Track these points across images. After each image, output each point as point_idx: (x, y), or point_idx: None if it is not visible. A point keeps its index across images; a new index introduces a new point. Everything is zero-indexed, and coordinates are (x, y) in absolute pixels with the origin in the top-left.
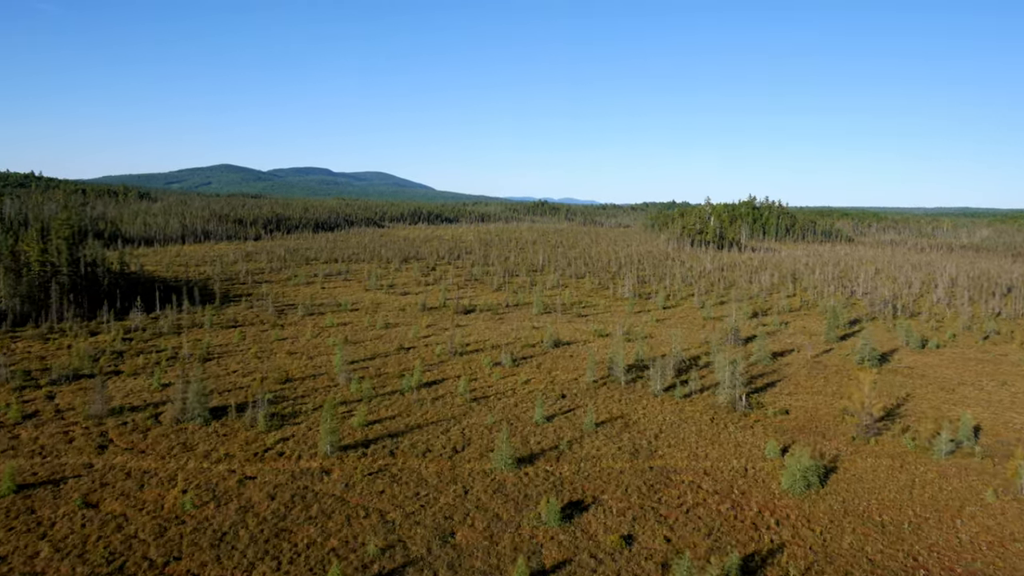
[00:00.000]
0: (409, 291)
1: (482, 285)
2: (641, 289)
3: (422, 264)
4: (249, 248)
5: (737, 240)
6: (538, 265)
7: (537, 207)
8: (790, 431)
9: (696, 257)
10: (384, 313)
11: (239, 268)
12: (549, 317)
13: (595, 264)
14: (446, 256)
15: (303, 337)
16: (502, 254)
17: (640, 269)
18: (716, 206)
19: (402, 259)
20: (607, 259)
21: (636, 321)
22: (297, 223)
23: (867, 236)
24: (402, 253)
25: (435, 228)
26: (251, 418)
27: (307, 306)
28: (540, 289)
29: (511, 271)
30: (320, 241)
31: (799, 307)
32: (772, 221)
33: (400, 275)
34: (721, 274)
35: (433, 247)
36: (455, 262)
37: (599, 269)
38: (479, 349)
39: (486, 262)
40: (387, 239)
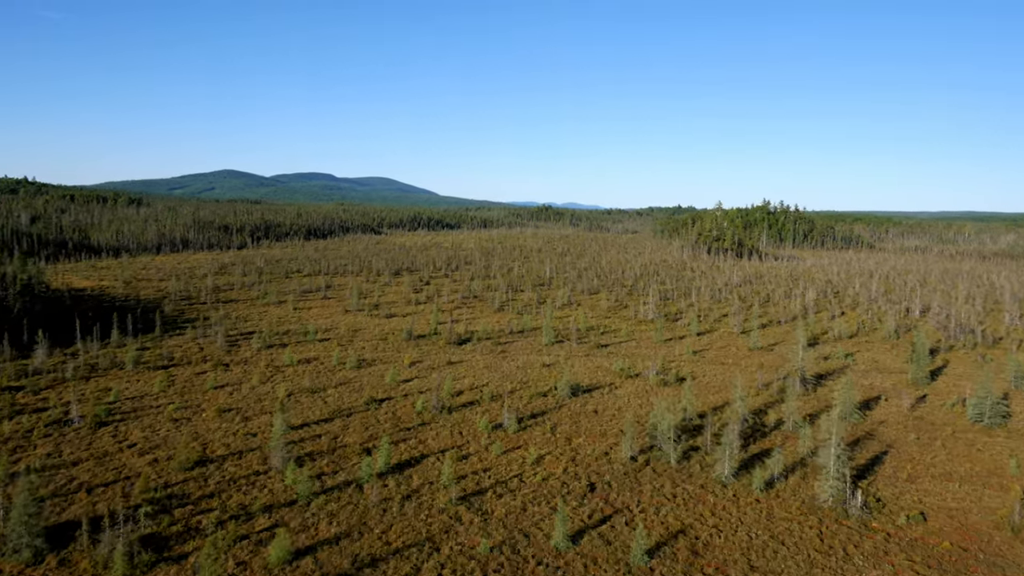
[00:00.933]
0: (396, 312)
1: (482, 304)
2: (666, 308)
3: (415, 278)
4: (227, 259)
5: (756, 247)
6: (545, 278)
7: (541, 212)
8: (946, 562)
9: (717, 267)
10: (361, 344)
11: (207, 283)
12: (562, 348)
13: (608, 276)
14: (443, 267)
15: (248, 382)
16: (505, 264)
17: (659, 282)
18: (729, 211)
19: (393, 271)
20: (620, 270)
21: (669, 353)
22: (288, 230)
23: (886, 242)
24: (395, 264)
25: (435, 235)
26: (108, 549)
27: (268, 335)
28: (549, 309)
29: (515, 285)
30: (308, 250)
31: (856, 331)
32: (789, 227)
33: (389, 291)
34: (751, 288)
35: (430, 256)
36: (453, 274)
37: (613, 282)
38: (474, 401)
39: (487, 274)
40: (382, 247)
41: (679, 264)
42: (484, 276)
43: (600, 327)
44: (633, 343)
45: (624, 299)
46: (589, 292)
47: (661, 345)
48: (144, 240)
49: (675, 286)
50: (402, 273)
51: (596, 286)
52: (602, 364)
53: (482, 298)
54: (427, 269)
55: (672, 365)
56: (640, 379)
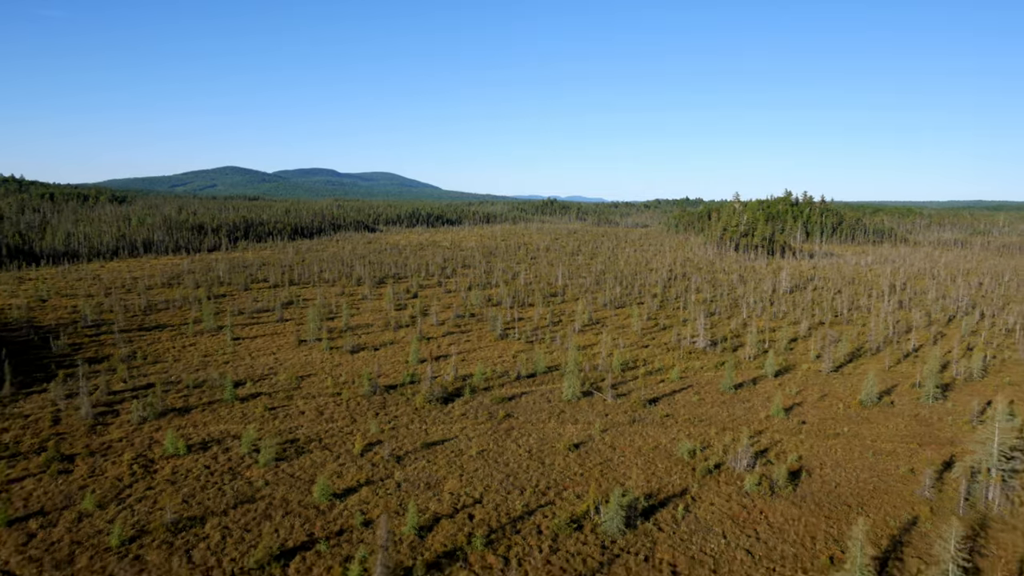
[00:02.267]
0: (366, 342)
1: (480, 327)
2: (714, 328)
3: (402, 287)
4: (188, 265)
5: (788, 244)
6: (557, 286)
7: (545, 206)
8: None
9: (752, 268)
10: (300, 406)
11: (139, 301)
12: (593, 407)
13: (631, 281)
14: (437, 273)
15: (77, 505)
16: (509, 268)
17: (694, 288)
18: (749, 203)
19: (377, 279)
20: (643, 272)
21: (749, 413)
22: (271, 229)
23: (917, 234)
24: (382, 269)
25: (434, 232)
26: None
27: (165, 393)
28: (569, 335)
29: (521, 298)
30: (288, 252)
31: (984, 368)
32: (815, 219)
33: (365, 308)
34: (805, 296)
35: (425, 259)
36: (447, 281)
37: (639, 289)
38: (455, 551)
39: (488, 281)
40: (373, 248)
41: (706, 264)
42: (484, 284)
43: (638, 361)
44: (692, 394)
45: (658, 315)
46: (613, 305)
47: (731, 396)
48: (101, 244)
49: (714, 294)
50: (387, 281)
51: (620, 296)
52: (660, 442)
53: (481, 317)
54: (418, 275)
55: (764, 440)
56: (725, 475)
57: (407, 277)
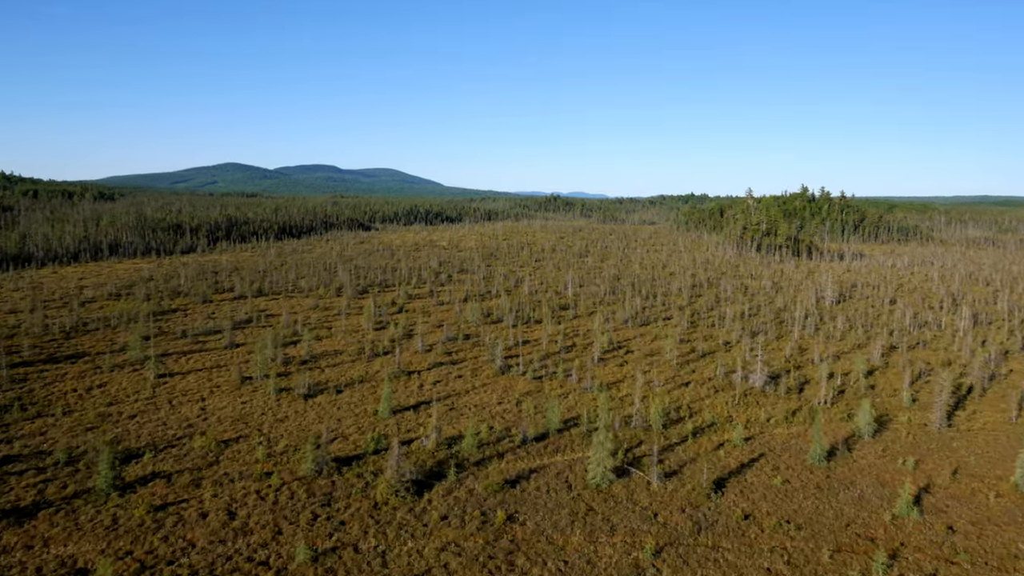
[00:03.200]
0: (328, 380)
1: (476, 353)
2: (769, 357)
3: (386, 299)
4: (150, 270)
5: (814, 244)
6: (567, 296)
7: (549, 202)
8: None
9: (780, 271)
10: (204, 501)
11: (69, 318)
12: (632, 498)
13: (651, 289)
14: (430, 280)
15: None
16: (512, 272)
17: (726, 299)
18: (763, 199)
19: (361, 288)
20: (662, 278)
21: (867, 515)
22: (256, 229)
23: (941, 231)
24: (368, 275)
25: (433, 230)
26: None
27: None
28: (587, 367)
29: (525, 312)
30: (269, 255)
31: None
32: (834, 216)
33: (339, 326)
34: (855, 308)
35: (419, 262)
36: (441, 291)
37: (663, 301)
38: None
39: (487, 290)
40: (364, 249)
41: (729, 267)
42: (483, 294)
43: (683, 409)
44: (769, 468)
45: (692, 335)
46: (635, 322)
47: (825, 474)
48: (61, 246)
49: (749, 305)
50: (372, 291)
51: (642, 310)
52: None
53: (477, 340)
54: (407, 284)
55: (908, 573)
56: None
57: (396, 285)
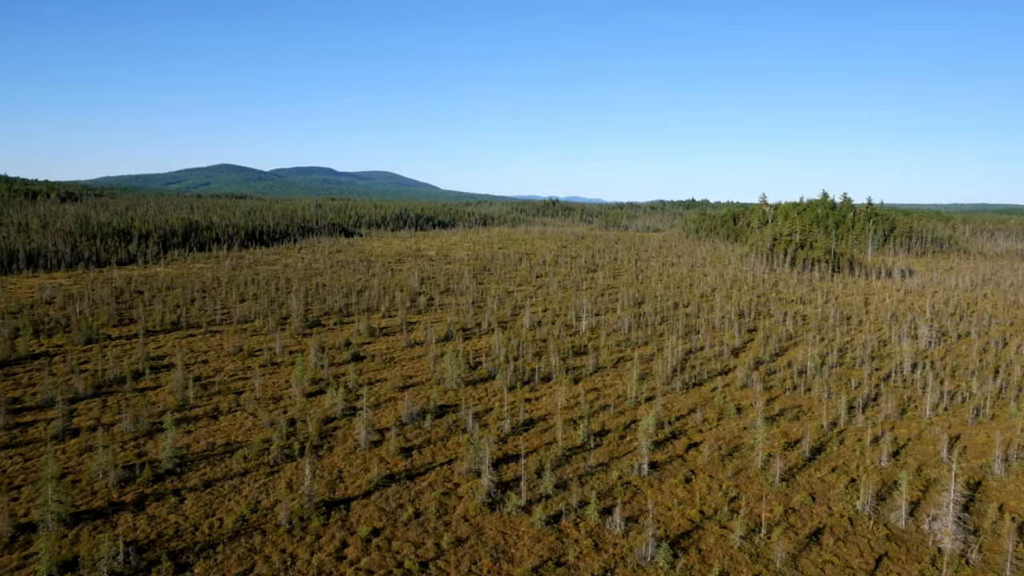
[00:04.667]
0: (173, 530)
1: (452, 449)
2: (916, 451)
3: (341, 338)
4: (52, 290)
5: (855, 257)
6: (580, 330)
7: (547, 207)
8: None
9: (830, 292)
10: None
11: None
12: None
13: (685, 318)
14: (405, 305)
15: None
16: (508, 293)
17: (787, 336)
18: (781, 206)
19: (311, 320)
20: (693, 298)
21: None
22: (221, 234)
23: (971, 242)
24: (328, 298)
25: (422, 237)
26: None
27: None
28: (633, 482)
29: (526, 361)
30: (223, 267)
31: None
32: (861, 225)
33: (257, 388)
34: (972, 349)
35: (397, 278)
36: (417, 321)
37: (709, 339)
38: None
39: (476, 324)
40: (337, 260)
41: (765, 285)
42: (470, 329)
43: None
44: None
45: (774, 408)
46: (686, 382)
47: None
48: None
49: (825, 346)
50: (326, 323)
51: (687, 360)
52: None
53: (456, 420)
54: (375, 312)
55: None
56: None
57: (360, 314)
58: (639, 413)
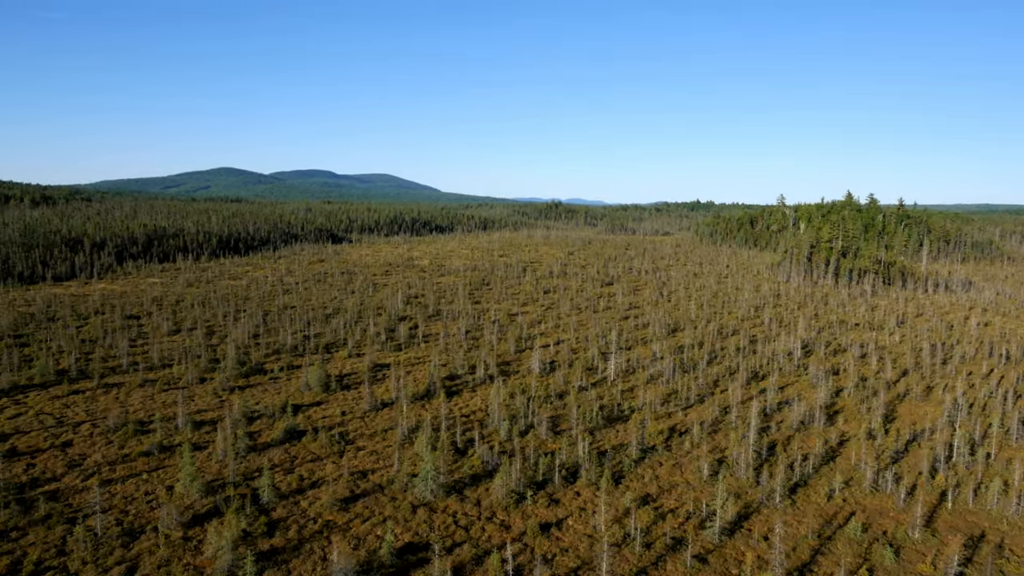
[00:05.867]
0: None
1: None
2: None
3: (275, 401)
4: None
5: (907, 267)
6: (607, 376)
7: (550, 209)
8: None
9: (895, 312)
10: None
11: None
12: None
13: (737, 354)
14: (379, 337)
15: None
16: (510, 314)
17: (879, 379)
18: (802, 207)
19: (252, 366)
20: (735, 321)
21: None
22: (191, 242)
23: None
24: (287, 326)
25: (416, 243)
26: None
27: None
28: None
29: (539, 438)
30: (176, 284)
31: None
32: (893, 228)
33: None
34: None
35: (378, 296)
36: (399, 356)
37: (773, 382)
38: None
39: (469, 367)
40: (316, 273)
41: (814, 301)
42: (459, 378)
43: None
44: None
45: (933, 526)
46: (784, 481)
47: None
48: None
49: (943, 397)
50: (271, 365)
51: (766, 424)
52: None
53: (432, 561)
54: (338, 351)
55: None
56: None
57: (316, 355)
58: (731, 553)
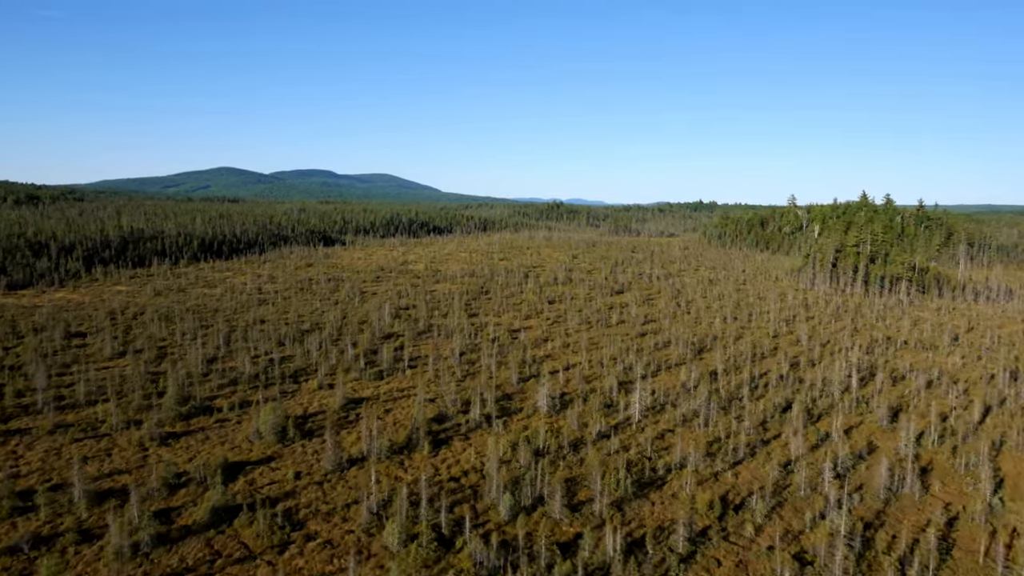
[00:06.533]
0: None
1: None
2: None
3: (227, 445)
4: None
5: (942, 274)
6: (630, 416)
7: (551, 210)
8: None
9: (942, 323)
10: None
11: None
12: None
13: (771, 376)
14: (357, 362)
15: None
16: (511, 330)
17: (958, 422)
18: (816, 208)
19: (196, 403)
20: (766, 338)
21: None
22: (171, 245)
23: None
24: (253, 349)
25: (414, 245)
26: None
27: None
28: None
29: (553, 526)
30: (144, 292)
31: None
32: (913, 231)
33: None
34: None
35: (365, 308)
36: (380, 387)
37: (835, 425)
38: None
39: (462, 403)
40: (300, 280)
41: (847, 313)
42: (452, 415)
43: None
44: None
45: None
46: None
47: None
48: None
49: None
50: (221, 402)
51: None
52: None
53: None
54: (307, 380)
55: None
56: None
57: (278, 387)
58: None
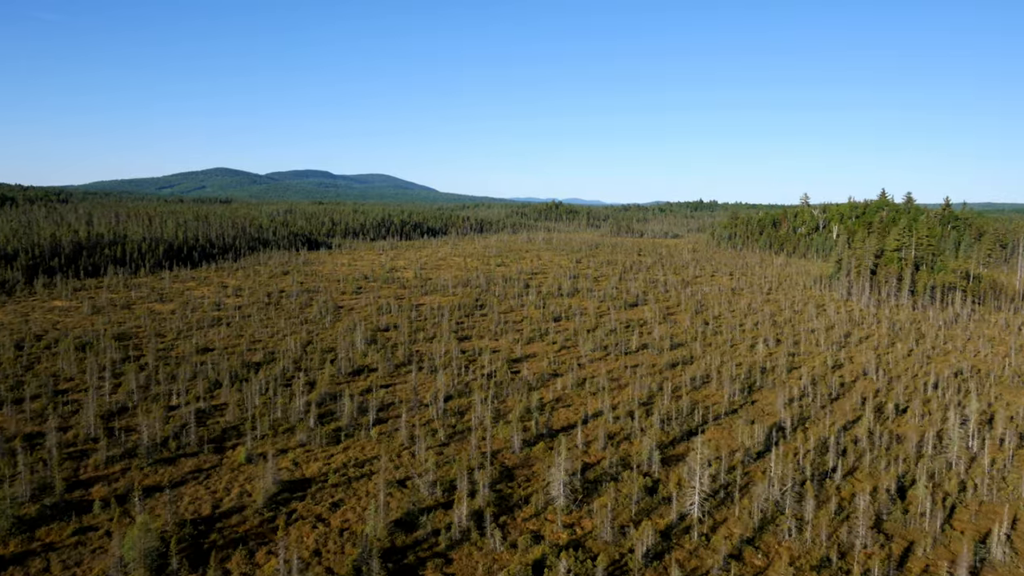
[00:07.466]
0: None
1: None
2: None
3: None
4: None
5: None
6: (670, 497)
7: (550, 210)
8: None
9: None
10: None
11: None
12: None
13: (850, 428)
14: (325, 403)
15: None
16: (511, 360)
17: None
18: (833, 208)
19: (53, 501)
20: (830, 371)
21: None
22: (133, 251)
23: None
24: (174, 399)
25: (405, 248)
26: None
27: None
28: None
29: None
30: (88, 306)
31: None
32: (940, 231)
33: None
34: None
35: (336, 330)
36: (335, 456)
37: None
38: None
39: (445, 466)
40: (272, 290)
41: (903, 331)
42: (431, 505)
43: None
44: None
45: None
46: None
47: None
48: None
49: None
50: (96, 493)
51: None
52: None
53: None
54: (233, 448)
55: None
56: None
57: (188, 463)
58: None
